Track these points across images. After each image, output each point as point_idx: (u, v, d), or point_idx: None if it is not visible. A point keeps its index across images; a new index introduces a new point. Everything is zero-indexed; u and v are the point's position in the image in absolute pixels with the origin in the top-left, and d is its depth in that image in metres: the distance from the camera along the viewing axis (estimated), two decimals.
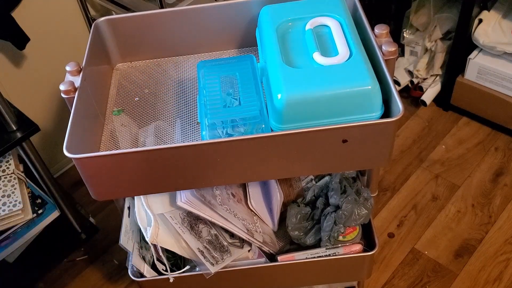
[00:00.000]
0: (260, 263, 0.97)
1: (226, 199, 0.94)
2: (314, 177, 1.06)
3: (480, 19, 1.61)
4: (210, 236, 0.94)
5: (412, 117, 1.81)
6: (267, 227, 1.02)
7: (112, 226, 1.57)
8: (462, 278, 1.38)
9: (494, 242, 1.44)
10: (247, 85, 0.78)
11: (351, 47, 0.72)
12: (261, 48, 0.81)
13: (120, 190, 0.78)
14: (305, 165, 0.74)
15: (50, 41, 1.46)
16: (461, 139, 1.73)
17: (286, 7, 0.81)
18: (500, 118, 1.70)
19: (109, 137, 0.84)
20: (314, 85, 0.67)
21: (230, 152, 0.70)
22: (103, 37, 0.91)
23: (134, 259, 0.94)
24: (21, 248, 1.39)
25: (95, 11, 1.55)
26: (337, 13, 0.78)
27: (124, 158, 0.70)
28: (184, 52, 0.96)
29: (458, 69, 1.71)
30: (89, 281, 1.48)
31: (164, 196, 0.93)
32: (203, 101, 0.77)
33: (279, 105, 0.67)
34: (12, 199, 1.28)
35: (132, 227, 0.97)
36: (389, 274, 1.40)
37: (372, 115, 0.69)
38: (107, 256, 1.52)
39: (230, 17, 0.90)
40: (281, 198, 1.00)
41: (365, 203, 0.93)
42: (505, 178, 1.59)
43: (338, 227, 0.91)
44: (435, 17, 1.69)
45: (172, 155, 0.70)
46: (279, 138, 0.69)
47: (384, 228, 1.50)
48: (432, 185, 1.60)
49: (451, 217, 1.51)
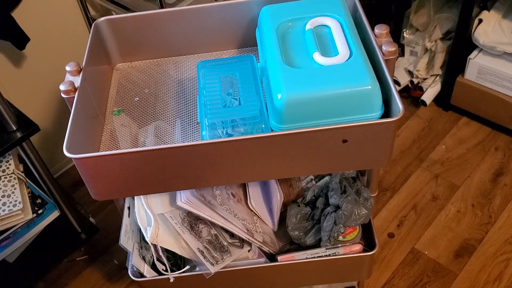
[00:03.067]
0: (260, 263, 0.97)
1: (226, 199, 0.94)
2: (314, 177, 1.06)
3: (480, 19, 1.61)
4: (210, 236, 0.94)
5: (412, 117, 1.81)
6: (267, 227, 1.02)
7: (112, 226, 1.57)
8: (462, 278, 1.38)
9: (494, 242, 1.45)
10: (247, 85, 0.78)
11: (351, 47, 0.72)
12: (261, 48, 0.81)
13: (120, 190, 0.78)
14: (305, 165, 0.74)
15: (50, 41, 1.46)
16: (461, 139, 1.73)
17: (286, 7, 0.81)
18: (500, 118, 1.70)
19: (109, 137, 0.84)
20: (314, 85, 0.67)
21: (230, 152, 0.70)
22: (103, 37, 0.91)
23: (134, 259, 0.94)
24: (21, 248, 1.39)
25: (95, 11, 1.55)
26: (337, 13, 0.78)
27: (124, 158, 0.70)
28: (184, 52, 0.96)
29: (458, 69, 1.71)
30: (89, 281, 1.48)
31: (164, 196, 0.93)
32: (203, 101, 0.77)
33: (279, 105, 0.67)
34: (12, 199, 1.28)
35: (132, 227, 0.97)
36: (389, 274, 1.40)
37: (372, 115, 0.69)
38: (107, 256, 1.52)
39: (230, 17, 0.90)
40: (281, 198, 1.00)
41: (365, 203, 0.93)
42: (505, 178, 1.59)
43: (338, 227, 0.91)
44: (435, 17, 1.69)
45: (172, 155, 0.70)
46: (279, 138, 0.69)
47: (384, 228, 1.50)
48: (432, 185, 1.60)
49: (451, 217, 1.51)
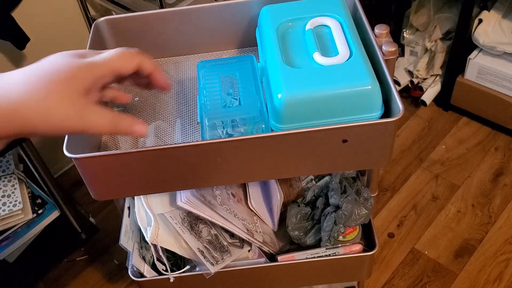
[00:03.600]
0: (260, 263, 0.97)
1: (226, 199, 0.94)
2: (314, 177, 1.06)
3: (480, 19, 1.61)
4: (210, 236, 0.94)
5: (412, 117, 1.81)
6: (267, 227, 1.02)
7: (112, 226, 1.57)
8: (462, 278, 1.38)
9: (494, 242, 1.45)
10: (247, 85, 0.78)
11: (351, 47, 0.72)
12: (261, 48, 0.81)
13: (120, 190, 0.78)
14: (305, 165, 0.74)
15: (50, 41, 1.46)
16: (461, 139, 1.73)
17: (286, 7, 0.81)
18: (500, 118, 1.70)
19: (109, 137, 0.84)
20: (314, 85, 0.67)
21: (230, 152, 0.70)
22: (103, 37, 0.91)
23: (134, 259, 0.94)
24: (21, 248, 1.39)
25: (95, 11, 1.55)
26: (337, 13, 0.78)
27: (124, 158, 0.70)
28: (184, 52, 0.96)
29: (458, 69, 1.71)
30: (89, 281, 1.48)
31: (164, 196, 0.93)
32: (203, 101, 0.77)
33: (279, 105, 0.67)
34: (12, 199, 1.28)
35: (132, 227, 0.97)
36: (389, 274, 1.40)
37: (372, 115, 0.69)
38: (107, 256, 1.53)
39: (230, 17, 0.90)
40: (281, 198, 1.00)
41: (365, 203, 0.93)
42: (505, 178, 1.60)
43: (338, 227, 0.91)
44: (435, 17, 1.69)
45: (172, 155, 0.70)
46: (279, 138, 0.69)
47: (384, 228, 1.50)
48: (432, 185, 1.60)
49: (451, 217, 1.51)
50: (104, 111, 0.55)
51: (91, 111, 0.54)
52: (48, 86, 0.50)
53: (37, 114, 0.49)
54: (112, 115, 0.56)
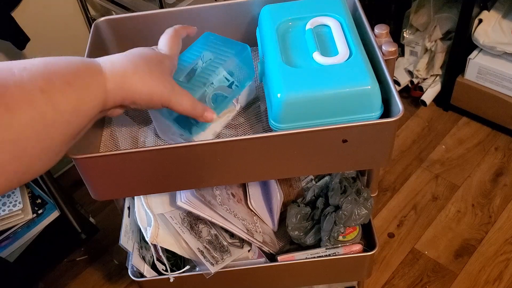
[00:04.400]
0: (260, 263, 0.97)
1: (226, 199, 0.94)
2: (314, 177, 1.06)
3: (480, 19, 1.61)
4: (210, 236, 0.94)
5: (412, 117, 1.81)
6: (267, 227, 1.02)
7: (112, 226, 1.57)
8: (462, 278, 1.38)
9: (494, 242, 1.45)
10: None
11: (351, 47, 0.72)
12: (261, 48, 0.81)
13: (120, 190, 0.78)
14: (305, 165, 0.74)
15: (50, 41, 1.46)
16: (461, 139, 1.73)
17: (286, 7, 0.81)
18: (500, 118, 1.70)
19: (109, 137, 0.84)
20: (314, 85, 0.67)
21: (230, 152, 0.70)
22: (103, 37, 0.91)
23: (134, 259, 0.94)
24: (21, 248, 1.39)
25: (95, 11, 1.55)
26: (337, 13, 0.78)
27: (124, 158, 0.70)
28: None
29: (458, 69, 1.71)
30: (89, 281, 1.48)
31: (164, 196, 0.93)
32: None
33: (278, 105, 0.67)
34: (12, 199, 1.28)
35: (132, 227, 0.97)
36: (389, 274, 1.40)
37: (372, 115, 0.69)
38: (107, 256, 1.52)
39: (230, 17, 0.90)
40: (281, 198, 1.00)
41: (365, 203, 0.93)
42: (505, 178, 1.60)
43: (338, 227, 0.91)
44: (435, 17, 1.69)
45: (172, 155, 0.70)
46: (279, 138, 0.69)
47: (384, 228, 1.50)
48: (432, 185, 1.60)
49: (451, 217, 1.51)
50: (187, 93, 0.65)
51: (179, 89, 0.64)
52: (149, 65, 0.61)
53: (141, 86, 0.59)
54: (192, 98, 0.66)
